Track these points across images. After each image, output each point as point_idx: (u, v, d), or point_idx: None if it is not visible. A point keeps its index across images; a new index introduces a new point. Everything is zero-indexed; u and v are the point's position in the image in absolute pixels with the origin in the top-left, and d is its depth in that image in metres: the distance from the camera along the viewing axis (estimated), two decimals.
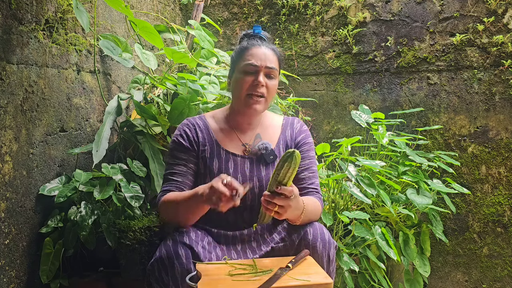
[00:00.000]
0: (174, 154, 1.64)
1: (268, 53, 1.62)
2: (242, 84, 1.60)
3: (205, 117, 1.72)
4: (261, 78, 1.58)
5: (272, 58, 1.62)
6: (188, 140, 1.64)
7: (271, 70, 1.61)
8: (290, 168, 1.36)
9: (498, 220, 2.74)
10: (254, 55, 1.60)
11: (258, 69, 1.59)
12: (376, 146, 2.55)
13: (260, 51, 1.61)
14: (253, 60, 1.59)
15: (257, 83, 1.58)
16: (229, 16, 3.23)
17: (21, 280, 1.81)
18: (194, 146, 1.64)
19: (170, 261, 1.41)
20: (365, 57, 2.96)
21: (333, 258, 1.53)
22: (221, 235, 1.60)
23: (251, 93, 1.59)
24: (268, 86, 1.61)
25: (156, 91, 2.45)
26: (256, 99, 1.60)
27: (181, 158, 1.63)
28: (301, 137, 1.71)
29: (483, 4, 2.72)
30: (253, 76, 1.59)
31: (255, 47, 1.62)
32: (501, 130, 2.72)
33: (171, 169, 1.63)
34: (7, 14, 1.70)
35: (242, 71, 1.61)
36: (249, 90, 1.59)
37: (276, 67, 1.63)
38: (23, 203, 1.81)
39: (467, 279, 2.81)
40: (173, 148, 1.65)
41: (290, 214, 1.43)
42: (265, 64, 1.59)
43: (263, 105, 1.62)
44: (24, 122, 1.80)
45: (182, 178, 1.61)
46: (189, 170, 1.63)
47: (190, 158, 1.63)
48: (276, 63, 1.64)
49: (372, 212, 2.35)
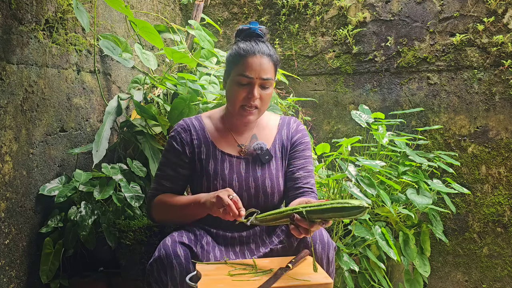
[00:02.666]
0: (166, 156, 1.67)
1: (264, 63, 1.57)
2: (236, 96, 1.58)
3: (202, 117, 1.71)
4: (255, 92, 1.56)
5: (268, 67, 1.58)
6: (181, 143, 1.64)
7: (266, 81, 1.58)
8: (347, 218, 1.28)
9: (498, 220, 2.74)
10: (249, 66, 1.56)
11: (253, 82, 1.56)
12: (376, 146, 2.55)
13: (256, 61, 1.56)
14: (248, 72, 1.55)
15: (251, 97, 1.56)
16: (229, 16, 3.23)
17: (21, 280, 1.81)
18: (187, 148, 1.64)
19: (169, 261, 1.41)
20: (365, 57, 2.96)
21: (332, 259, 1.53)
22: (220, 236, 1.60)
23: (244, 105, 1.58)
24: (263, 97, 1.59)
25: (156, 91, 2.45)
26: (250, 111, 1.59)
27: (171, 161, 1.65)
28: (297, 137, 1.71)
29: (483, 4, 2.72)
30: (247, 89, 1.57)
31: (250, 57, 1.57)
32: (501, 130, 2.72)
33: (162, 171, 1.66)
34: (7, 14, 1.70)
35: (236, 82, 1.58)
36: (243, 102, 1.58)
37: (272, 77, 1.60)
38: (23, 203, 1.81)
39: (467, 279, 2.81)
40: (167, 149, 1.67)
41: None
42: (260, 76, 1.56)
43: (256, 115, 1.62)
44: (24, 122, 1.80)
45: (172, 183, 1.65)
46: (179, 175, 1.65)
47: (181, 162, 1.64)
48: (272, 72, 1.60)
49: (372, 212, 2.35)
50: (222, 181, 1.60)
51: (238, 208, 1.40)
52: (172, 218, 1.64)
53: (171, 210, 1.59)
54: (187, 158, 1.64)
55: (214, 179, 1.60)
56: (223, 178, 1.60)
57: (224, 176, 1.60)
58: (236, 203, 1.41)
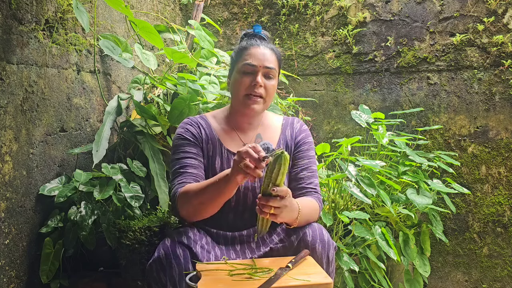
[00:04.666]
0: (182, 149, 1.61)
1: (267, 53, 1.61)
2: (240, 84, 1.59)
3: (206, 116, 1.72)
4: (259, 79, 1.58)
5: (271, 58, 1.61)
6: (193, 136, 1.63)
7: (270, 70, 1.60)
8: (281, 169, 1.35)
9: (498, 220, 2.74)
10: (252, 55, 1.60)
11: (257, 69, 1.59)
12: (376, 146, 2.55)
13: (259, 51, 1.61)
14: (251, 60, 1.59)
15: (255, 84, 1.58)
16: (229, 16, 3.23)
17: (21, 280, 1.81)
18: (199, 141, 1.64)
19: (168, 261, 1.41)
20: (365, 57, 2.96)
21: (332, 259, 1.53)
22: (220, 236, 1.60)
23: (249, 94, 1.59)
24: (267, 87, 1.60)
25: (156, 91, 2.45)
26: (255, 99, 1.59)
27: (190, 151, 1.60)
28: (301, 137, 1.71)
29: (483, 4, 2.72)
30: (251, 76, 1.59)
31: (253, 47, 1.61)
32: (501, 130, 2.72)
33: (181, 163, 1.58)
34: (7, 14, 1.70)
35: (240, 71, 1.61)
36: (247, 90, 1.59)
37: (275, 67, 1.62)
38: (23, 203, 1.81)
39: (467, 279, 2.81)
40: (180, 144, 1.62)
41: (286, 215, 1.41)
42: (263, 64, 1.59)
43: (261, 105, 1.62)
44: (24, 122, 1.80)
45: (196, 170, 1.58)
46: (200, 164, 1.60)
47: (199, 152, 1.62)
48: (275, 63, 1.63)
49: (372, 212, 2.35)
50: None
51: (257, 151, 1.33)
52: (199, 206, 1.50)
53: (196, 195, 1.48)
54: (201, 147, 1.63)
55: None
56: None
57: None
58: (254, 148, 1.34)
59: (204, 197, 1.48)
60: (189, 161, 1.58)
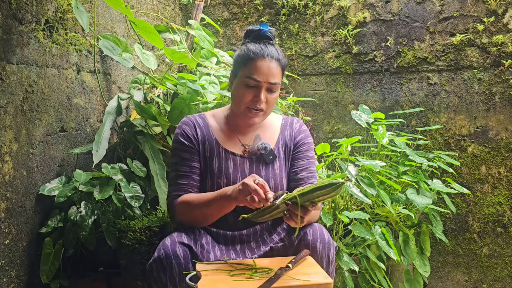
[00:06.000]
0: (177, 154, 1.63)
1: (272, 67, 1.57)
2: (242, 97, 1.58)
3: (205, 116, 1.72)
4: (262, 96, 1.56)
5: (275, 71, 1.58)
6: (188, 139, 1.63)
7: (273, 86, 1.58)
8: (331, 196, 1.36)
9: (498, 220, 2.74)
10: (257, 69, 1.56)
11: (260, 85, 1.56)
12: (376, 146, 2.55)
13: (265, 65, 1.56)
14: (256, 75, 1.55)
15: (257, 100, 1.57)
16: (229, 16, 3.23)
17: (21, 280, 1.81)
18: (195, 143, 1.64)
19: (168, 261, 1.41)
20: (365, 57, 2.96)
21: (332, 258, 1.53)
22: (220, 235, 1.60)
23: (250, 107, 1.58)
24: (269, 100, 1.59)
25: (156, 91, 2.45)
26: (255, 113, 1.59)
27: (184, 158, 1.62)
28: (300, 137, 1.71)
29: (483, 4, 2.72)
30: (254, 91, 1.57)
31: (259, 60, 1.56)
32: (501, 130, 2.72)
33: (176, 171, 1.62)
34: (7, 14, 1.70)
35: (243, 83, 1.58)
36: (249, 104, 1.58)
37: (279, 81, 1.60)
38: (23, 203, 1.81)
39: (467, 279, 2.81)
40: (176, 147, 1.64)
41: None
42: (268, 80, 1.56)
43: (261, 117, 1.62)
44: (24, 122, 1.80)
45: (188, 180, 1.60)
46: (193, 170, 1.62)
47: (193, 156, 1.62)
48: (279, 76, 1.60)
49: (372, 212, 2.35)
50: (226, 180, 1.59)
51: (265, 191, 1.37)
52: (197, 217, 1.56)
53: (197, 208, 1.54)
54: (196, 151, 1.63)
55: (218, 178, 1.60)
56: (227, 176, 1.60)
57: (228, 175, 1.60)
58: (263, 187, 1.37)
59: (204, 211, 1.53)
60: (182, 169, 1.61)
